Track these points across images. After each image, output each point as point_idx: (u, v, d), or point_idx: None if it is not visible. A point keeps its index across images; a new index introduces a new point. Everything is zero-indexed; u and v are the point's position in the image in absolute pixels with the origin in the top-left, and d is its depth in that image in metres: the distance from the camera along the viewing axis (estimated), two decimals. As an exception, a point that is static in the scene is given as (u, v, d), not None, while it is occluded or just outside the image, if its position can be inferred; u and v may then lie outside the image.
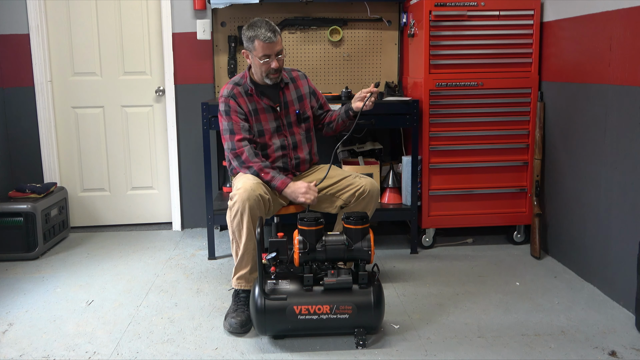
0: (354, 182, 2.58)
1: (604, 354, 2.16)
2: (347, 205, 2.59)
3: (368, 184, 2.56)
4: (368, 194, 2.55)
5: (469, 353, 2.17)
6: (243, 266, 2.41)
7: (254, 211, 2.33)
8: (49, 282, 2.93)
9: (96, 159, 3.81)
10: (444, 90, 3.18)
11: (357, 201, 2.55)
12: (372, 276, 2.27)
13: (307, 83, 2.76)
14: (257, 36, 2.45)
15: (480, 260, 3.15)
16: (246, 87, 2.60)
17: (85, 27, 3.67)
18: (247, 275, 2.42)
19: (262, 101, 2.60)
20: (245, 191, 2.33)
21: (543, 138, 3.20)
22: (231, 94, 2.59)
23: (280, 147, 2.63)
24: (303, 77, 2.77)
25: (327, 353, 2.18)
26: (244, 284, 2.43)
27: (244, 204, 2.32)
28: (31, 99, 3.63)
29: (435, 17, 3.12)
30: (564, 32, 2.99)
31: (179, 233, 3.78)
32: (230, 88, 2.61)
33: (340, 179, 2.61)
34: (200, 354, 2.20)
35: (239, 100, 2.58)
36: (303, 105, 2.71)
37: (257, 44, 2.46)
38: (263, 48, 2.46)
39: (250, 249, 2.38)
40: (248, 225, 2.34)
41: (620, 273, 2.55)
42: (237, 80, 2.64)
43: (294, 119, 2.67)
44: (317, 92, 2.81)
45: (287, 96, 2.66)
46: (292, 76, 2.73)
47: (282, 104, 2.64)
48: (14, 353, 2.21)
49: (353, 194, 2.55)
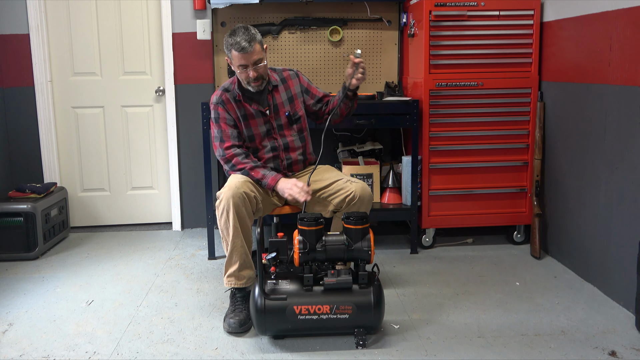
0: (344, 187, 2.51)
1: (604, 354, 2.16)
2: (338, 211, 2.54)
3: (358, 189, 2.47)
4: (358, 200, 2.47)
5: (469, 353, 2.18)
6: (232, 264, 2.41)
7: (238, 208, 2.33)
8: (49, 282, 2.93)
9: (96, 159, 3.82)
10: (444, 90, 3.18)
11: (347, 207, 2.49)
12: (372, 276, 2.26)
13: (298, 82, 2.69)
14: (233, 45, 2.40)
15: (480, 260, 3.15)
16: (234, 93, 2.57)
17: (85, 27, 3.67)
18: (236, 272, 2.41)
19: (250, 106, 2.56)
20: (229, 189, 2.35)
21: (543, 138, 3.20)
22: (220, 100, 2.57)
23: (271, 149, 2.61)
24: (294, 76, 2.70)
25: (327, 353, 2.18)
26: (233, 282, 2.42)
27: (228, 202, 2.33)
28: (31, 99, 3.64)
29: (435, 17, 3.12)
30: (564, 32, 2.99)
31: (179, 233, 3.78)
32: (219, 95, 2.59)
33: (331, 183, 2.55)
34: (200, 354, 2.20)
35: (228, 107, 2.56)
36: (294, 106, 2.65)
37: (234, 53, 2.42)
38: (238, 58, 2.43)
39: (238, 246, 2.38)
40: (234, 222, 2.34)
41: (620, 273, 2.55)
42: (227, 85, 2.61)
43: (284, 121, 2.63)
44: (310, 87, 2.71)
45: (276, 99, 2.61)
46: (283, 77, 2.66)
47: (271, 108, 2.59)
48: (14, 353, 2.21)
49: (343, 199, 2.49)
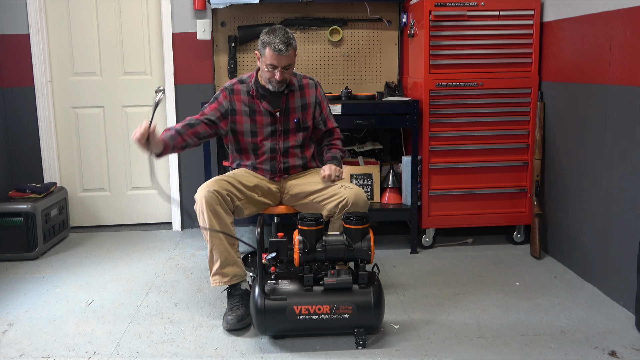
0: (338, 193, 2.48)
1: (604, 354, 2.16)
2: (332, 216, 2.51)
3: (351, 195, 2.43)
4: (351, 207, 2.43)
5: (469, 353, 2.17)
6: (214, 262, 2.41)
7: (212, 207, 2.35)
8: (49, 282, 2.93)
9: (96, 159, 3.81)
10: (444, 90, 3.18)
11: (340, 213, 2.45)
12: (372, 276, 2.27)
13: (315, 92, 2.69)
14: (270, 44, 2.43)
15: (480, 260, 3.15)
16: (249, 86, 2.60)
17: (85, 27, 3.67)
18: (219, 270, 2.40)
19: (261, 104, 2.58)
20: (202, 189, 2.39)
21: (543, 138, 3.20)
22: (230, 87, 2.61)
23: (270, 150, 2.61)
24: (313, 86, 2.69)
25: (327, 353, 2.18)
26: (219, 280, 2.41)
27: (202, 202, 2.36)
28: (31, 99, 3.63)
29: (435, 17, 3.12)
30: (564, 32, 2.98)
31: (179, 233, 3.78)
32: (232, 82, 2.63)
33: (326, 187, 2.53)
34: (200, 354, 2.20)
35: (235, 97, 2.59)
36: (305, 114, 2.65)
37: (268, 51, 2.44)
38: (271, 57, 2.45)
39: (217, 244, 2.38)
40: (209, 220, 2.35)
41: (620, 273, 2.55)
42: (244, 78, 2.65)
43: (292, 126, 2.63)
44: (323, 104, 2.72)
45: (290, 102, 2.62)
46: (302, 83, 2.66)
47: (282, 110, 2.60)
48: (14, 353, 2.21)
49: (336, 205, 2.46)
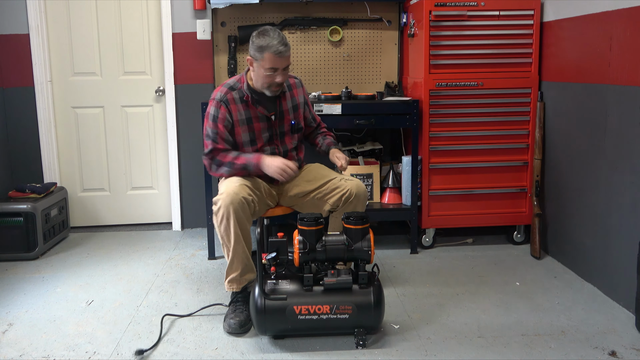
0: (340, 185, 2.49)
1: (604, 354, 2.16)
2: (335, 210, 2.53)
3: (354, 186, 2.47)
4: (355, 197, 2.46)
5: (469, 353, 2.18)
6: (234, 270, 2.40)
7: (238, 214, 2.30)
8: (49, 282, 2.93)
9: (96, 159, 3.81)
10: (444, 90, 3.18)
11: (344, 205, 2.48)
12: (372, 276, 2.27)
13: (302, 92, 2.68)
14: (269, 48, 2.32)
15: (480, 260, 3.15)
16: (242, 92, 2.49)
17: (85, 27, 3.67)
18: (237, 278, 2.41)
19: (257, 110, 2.51)
20: (228, 195, 2.30)
21: (543, 138, 3.20)
22: (224, 99, 2.48)
23: (271, 154, 2.55)
24: (299, 85, 2.67)
25: (327, 353, 2.18)
26: (235, 287, 2.42)
27: (228, 209, 2.28)
28: (31, 99, 3.63)
29: (435, 17, 3.11)
30: (564, 32, 2.98)
31: (179, 233, 3.78)
32: (224, 92, 2.49)
33: (326, 182, 2.53)
34: (200, 354, 2.20)
35: (231, 107, 2.47)
36: (297, 115, 2.64)
37: (267, 55, 2.33)
38: (272, 61, 2.34)
39: (240, 253, 2.36)
40: (235, 229, 2.31)
41: (620, 273, 2.55)
42: (232, 83, 2.52)
43: (287, 129, 2.60)
44: (308, 101, 2.74)
45: (283, 105, 2.57)
46: (289, 83, 2.62)
47: (277, 113, 2.56)
48: (14, 353, 2.21)
49: (340, 197, 2.48)
